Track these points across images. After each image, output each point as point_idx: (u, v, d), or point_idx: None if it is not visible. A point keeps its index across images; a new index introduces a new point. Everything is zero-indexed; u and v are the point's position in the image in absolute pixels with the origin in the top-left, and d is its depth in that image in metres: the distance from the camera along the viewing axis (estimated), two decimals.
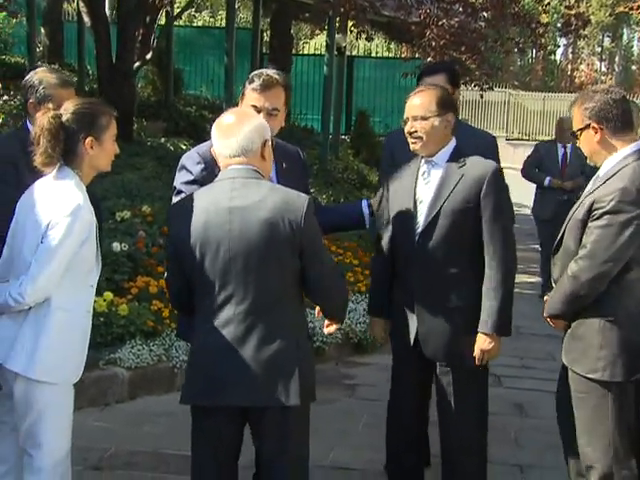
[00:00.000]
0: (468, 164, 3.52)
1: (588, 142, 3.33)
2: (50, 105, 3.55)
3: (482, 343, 3.47)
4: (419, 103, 3.54)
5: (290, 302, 2.98)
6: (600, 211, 3.19)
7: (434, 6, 10.99)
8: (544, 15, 14.97)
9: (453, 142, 3.60)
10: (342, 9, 11.08)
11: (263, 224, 2.88)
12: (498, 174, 3.49)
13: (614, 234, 3.17)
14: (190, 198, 3.04)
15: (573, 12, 12.92)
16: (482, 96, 15.00)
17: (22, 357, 3.04)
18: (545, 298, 3.55)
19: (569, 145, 8.60)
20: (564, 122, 8.65)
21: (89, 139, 3.10)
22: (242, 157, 2.98)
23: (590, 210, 3.23)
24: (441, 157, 3.58)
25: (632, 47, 57.23)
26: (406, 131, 3.58)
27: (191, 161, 3.45)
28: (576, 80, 51.31)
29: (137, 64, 11.88)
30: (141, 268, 6.42)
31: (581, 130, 3.33)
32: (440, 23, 10.81)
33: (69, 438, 3.20)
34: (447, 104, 3.55)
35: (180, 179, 3.45)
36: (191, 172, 3.42)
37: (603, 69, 54.81)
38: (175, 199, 3.40)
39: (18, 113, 11.03)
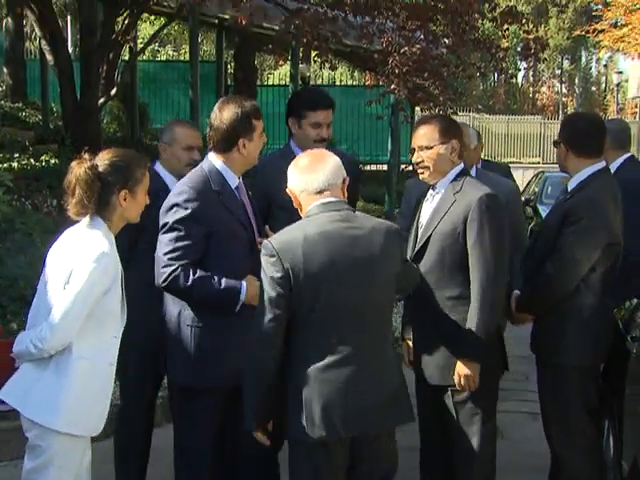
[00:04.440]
0: (463, 189, 3.55)
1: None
2: (176, 147, 3.89)
3: (458, 367, 3.48)
4: (423, 133, 3.61)
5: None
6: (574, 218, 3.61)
7: (396, 34, 11.10)
8: (504, 40, 15.18)
9: (459, 167, 3.63)
10: (304, 39, 11.18)
11: (381, 253, 2.98)
12: (487, 201, 3.47)
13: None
14: (295, 232, 2.96)
15: (532, 36, 13.15)
16: None
17: (42, 405, 2.98)
18: (515, 293, 3.92)
19: None
20: None
21: (123, 192, 3.07)
22: (329, 191, 3.01)
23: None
24: (443, 183, 3.62)
25: (590, 69, 58.35)
26: (413, 161, 3.66)
27: (184, 197, 3.36)
28: (538, 102, 52.13)
29: (102, 100, 11.87)
30: None
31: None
32: (402, 51, 10.92)
33: None
34: (451, 131, 3.61)
35: (172, 217, 3.34)
36: (185, 208, 3.34)
37: (564, 91, 55.72)
38: (167, 236, 3.33)
39: None
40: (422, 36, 11.34)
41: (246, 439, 3.53)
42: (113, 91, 12.12)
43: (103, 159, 3.08)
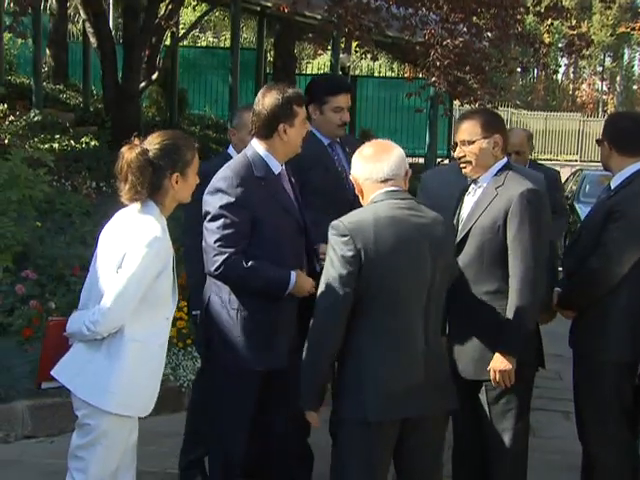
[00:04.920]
0: (505, 184, 3.54)
1: None
2: (244, 131, 3.93)
3: (494, 362, 3.47)
4: (465, 127, 3.62)
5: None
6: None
7: (439, 26, 11.04)
8: (546, 35, 15.02)
9: (502, 161, 3.62)
10: (346, 29, 11.14)
11: (443, 242, 3.11)
12: (528, 196, 3.45)
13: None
14: (365, 214, 3.03)
15: (576, 32, 12.97)
16: None
17: (94, 387, 3.02)
18: (556, 290, 3.90)
19: None
20: None
21: (175, 175, 3.08)
22: (392, 180, 3.09)
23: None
24: (486, 177, 3.61)
25: (633, 67, 57.46)
26: (455, 155, 3.67)
27: (228, 183, 3.39)
28: (578, 100, 51.49)
29: (143, 84, 11.95)
30: None
31: None
32: (444, 43, 10.86)
33: (113, 470, 3.15)
34: (493, 126, 3.60)
35: (217, 202, 3.38)
36: (229, 194, 3.37)
37: (604, 89, 54.99)
38: (214, 224, 3.36)
39: (24, 133, 11.07)
40: (465, 29, 11.25)
41: (279, 421, 3.59)
42: (154, 76, 12.19)
43: (153, 143, 3.08)
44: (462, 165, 3.64)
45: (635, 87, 56.35)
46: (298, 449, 3.90)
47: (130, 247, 2.99)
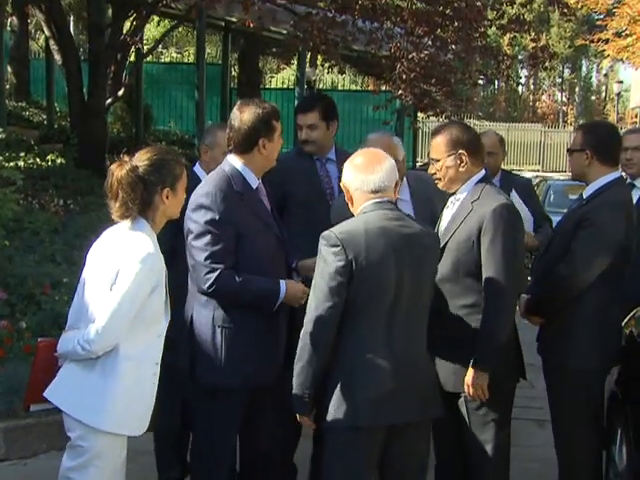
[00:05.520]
0: (481, 198, 3.55)
1: None
2: (217, 150, 3.94)
3: (468, 377, 3.48)
4: (433, 145, 3.67)
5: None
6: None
7: (404, 40, 11.12)
8: (508, 48, 15.21)
9: (479, 175, 3.63)
10: (312, 44, 11.18)
11: (431, 254, 3.19)
12: (501, 211, 3.46)
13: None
14: (356, 224, 3.07)
15: (540, 45, 13.16)
16: None
17: (90, 407, 2.98)
18: (523, 296, 3.91)
19: None
20: None
21: (166, 190, 3.07)
22: (383, 192, 3.14)
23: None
24: (463, 190, 3.64)
25: (591, 78, 58.45)
26: (429, 172, 3.73)
27: (211, 199, 3.36)
28: (538, 111, 52.20)
29: (109, 101, 11.88)
30: None
31: None
32: (410, 56, 10.94)
33: None
34: (457, 142, 3.60)
35: (202, 219, 3.35)
36: (213, 210, 3.35)
37: (564, 99, 55.82)
38: (202, 241, 3.33)
39: None
40: (430, 42, 11.35)
41: (264, 437, 3.57)
42: (120, 92, 12.13)
43: (142, 159, 3.06)
44: (436, 182, 3.69)
45: (593, 98, 57.30)
46: (284, 465, 3.88)
47: (123, 264, 2.96)
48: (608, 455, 4.05)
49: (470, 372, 3.46)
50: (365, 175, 3.15)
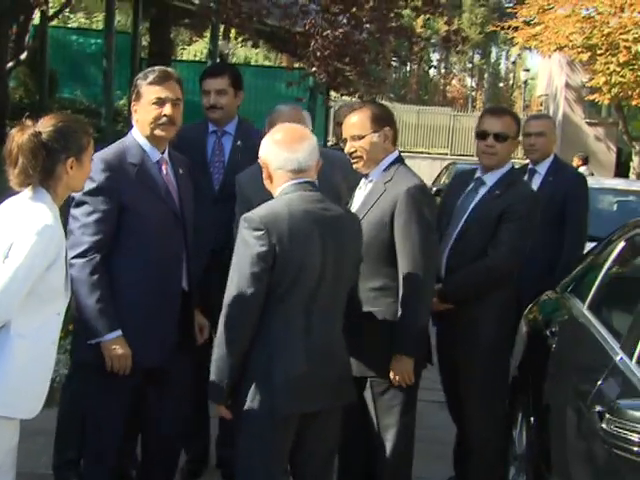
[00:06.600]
0: (394, 179, 3.48)
1: None
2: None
3: (392, 365, 3.44)
4: (354, 122, 3.54)
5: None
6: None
7: (319, 17, 11.06)
8: (421, 30, 15.34)
9: (393, 155, 3.56)
10: (225, 16, 11.00)
11: (355, 237, 3.13)
12: (415, 192, 3.41)
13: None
14: (279, 207, 2.96)
15: (451, 28, 13.31)
16: None
17: None
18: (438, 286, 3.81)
19: None
20: None
21: (70, 159, 2.88)
22: (305, 172, 3.03)
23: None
24: (375, 173, 3.55)
25: (499, 65, 59.74)
26: (346, 151, 3.58)
27: (94, 170, 3.23)
28: (448, 95, 53.08)
29: (10, 64, 11.41)
30: None
31: None
32: (325, 34, 10.90)
33: None
34: (383, 119, 3.54)
35: (85, 188, 3.22)
36: (94, 180, 3.26)
37: (473, 85, 56.91)
38: (77, 211, 3.29)
39: None
40: (345, 20, 11.32)
41: (164, 421, 3.48)
42: (23, 56, 11.67)
43: (46, 125, 2.87)
44: (353, 161, 3.56)
45: (501, 84, 58.62)
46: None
47: (18, 235, 2.77)
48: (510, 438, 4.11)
49: (395, 360, 3.41)
50: (287, 154, 3.02)
